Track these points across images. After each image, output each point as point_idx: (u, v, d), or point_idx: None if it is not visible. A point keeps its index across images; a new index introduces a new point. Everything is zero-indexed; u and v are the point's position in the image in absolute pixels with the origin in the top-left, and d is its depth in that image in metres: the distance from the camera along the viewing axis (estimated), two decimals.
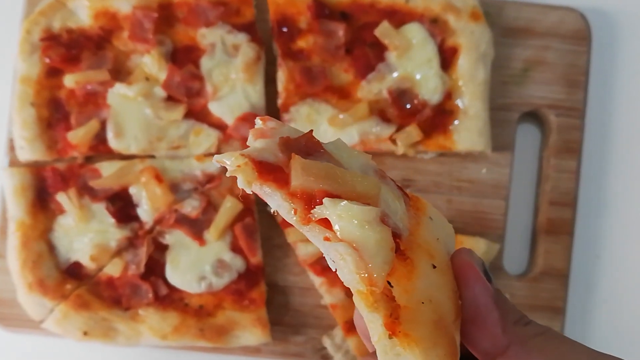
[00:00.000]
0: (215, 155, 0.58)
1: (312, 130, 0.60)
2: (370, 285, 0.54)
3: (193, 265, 1.21)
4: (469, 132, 1.24)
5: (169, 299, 1.22)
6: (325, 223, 0.55)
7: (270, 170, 0.57)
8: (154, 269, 1.22)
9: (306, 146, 0.59)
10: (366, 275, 0.54)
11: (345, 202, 0.55)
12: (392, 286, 0.56)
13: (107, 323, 1.21)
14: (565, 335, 0.62)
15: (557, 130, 1.30)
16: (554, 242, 1.28)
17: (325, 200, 0.55)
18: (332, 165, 0.57)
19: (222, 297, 1.22)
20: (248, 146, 0.59)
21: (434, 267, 0.59)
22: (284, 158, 0.58)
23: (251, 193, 0.57)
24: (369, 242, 0.54)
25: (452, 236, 0.65)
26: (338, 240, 0.55)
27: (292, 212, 0.56)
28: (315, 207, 0.56)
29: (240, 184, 0.56)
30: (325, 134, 1.23)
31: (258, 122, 0.61)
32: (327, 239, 0.56)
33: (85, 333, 1.20)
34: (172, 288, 1.22)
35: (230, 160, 0.56)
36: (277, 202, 0.57)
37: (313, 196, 0.56)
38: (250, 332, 1.22)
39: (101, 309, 1.21)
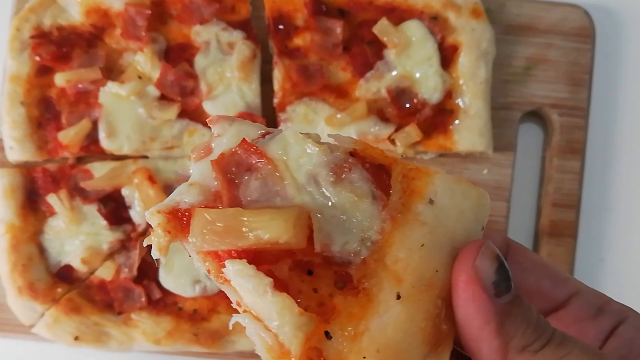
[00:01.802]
0: (146, 213, 0.54)
1: (244, 140, 0.54)
2: (283, 357, 0.49)
3: (187, 269, 1.21)
4: (469, 132, 1.24)
5: (163, 303, 1.21)
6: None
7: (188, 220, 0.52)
8: (147, 272, 1.22)
9: (246, 158, 0.54)
10: (276, 346, 0.49)
11: (240, 265, 0.50)
12: (330, 337, 0.50)
13: (99, 328, 1.20)
14: (597, 352, 0.54)
15: (560, 130, 1.29)
16: (557, 244, 1.28)
17: (226, 262, 0.50)
18: (235, 215, 0.50)
19: (217, 301, 1.22)
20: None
21: (399, 297, 0.51)
22: (222, 183, 0.53)
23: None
24: (269, 314, 0.49)
25: (479, 208, 0.55)
26: (244, 310, 0.50)
27: (207, 272, 0.52)
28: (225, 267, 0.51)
29: (154, 253, 0.52)
30: (323, 133, 1.22)
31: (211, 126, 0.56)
32: (238, 304, 0.51)
33: (76, 338, 1.20)
34: (165, 292, 1.21)
35: (149, 219, 0.52)
36: (194, 259, 0.53)
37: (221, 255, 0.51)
38: (246, 336, 1.20)
39: (93, 313, 1.20)
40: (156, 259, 0.54)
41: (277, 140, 0.55)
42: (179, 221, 0.53)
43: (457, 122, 1.24)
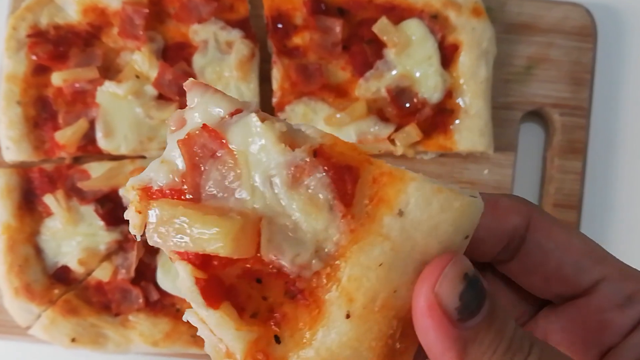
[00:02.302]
0: (121, 189, 0.54)
1: (205, 125, 0.50)
2: (228, 357, 0.49)
3: None
4: (470, 132, 1.23)
5: (160, 304, 1.21)
6: None
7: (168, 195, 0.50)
8: (145, 273, 1.21)
9: (210, 143, 0.50)
10: (222, 348, 0.49)
11: (182, 271, 0.49)
12: (279, 342, 0.49)
13: (96, 329, 1.20)
14: None
15: (562, 130, 1.29)
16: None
17: (176, 264, 0.49)
18: (184, 215, 0.48)
19: None
20: None
21: (348, 316, 0.48)
22: (187, 167, 0.50)
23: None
24: (209, 321, 0.48)
25: (463, 218, 0.49)
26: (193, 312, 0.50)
27: (170, 259, 0.51)
28: None
29: (131, 228, 0.51)
30: None
31: (187, 90, 0.52)
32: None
33: (73, 340, 1.19)
34: (163, 293, 1.21)
35: (125, 193, 0.52)
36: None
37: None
38: None
39: (90, 314, 1.20)
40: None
41: (242, 126, 0.50)
42: (148, 202, 0.51)
43: (457, 121, 1.24)
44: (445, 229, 0.49)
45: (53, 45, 1.23)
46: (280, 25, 1.25)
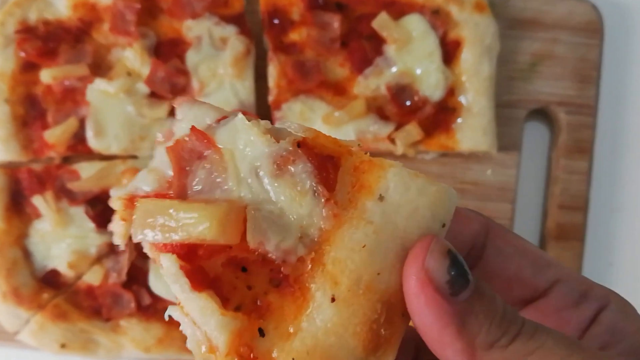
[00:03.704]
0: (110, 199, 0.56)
1: (193, 127, 0.54)
2: (210, 352, 0.50)
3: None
4: (472, 130, 1.23)
5: (153, 309, 1.20)
6: None
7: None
8: (137, 277, 1.21)
9: (198, 146, 0.53)
10: (205, 342, 0.50)
11: (167, 262, 0.50)
12: (263, 334, 0.51)
13: (86, 335, 1.19)
14: (572, 342, 0.53)
15: (567, 129, 1.29)
16: (564, 248, 1.27)
17: (160, 256, 0.51)
18: (168, 207, 0.51)
19: None
20: None
21: (333, 299, 0.51)
22: (174, 170, 0.53)
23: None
24: (194, 311, 0.50)
25: (438, 205, 0.53)
26: (178, 303, 0.51)
27: (154, 261, 0.54)
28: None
29: (115, 239, 0.54)
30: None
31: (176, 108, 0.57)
32: (176, 297, 0.52)
33: (63, 345, 1.19)
34: (156, 297, 1.20)
35: (113, 204, 0.54)
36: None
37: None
38: None
39: (80, 319, 1.19)
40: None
41: (228, 127, 0.54)
42: (135, 202, 0.54)
43: (459, 120, 1.23)
44: (423, 213, 0.52)
45: (42, 42, 1.22)
46: (276, 21, 1.24)
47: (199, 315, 0.50)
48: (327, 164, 0.52)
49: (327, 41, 1.23)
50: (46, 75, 1.22)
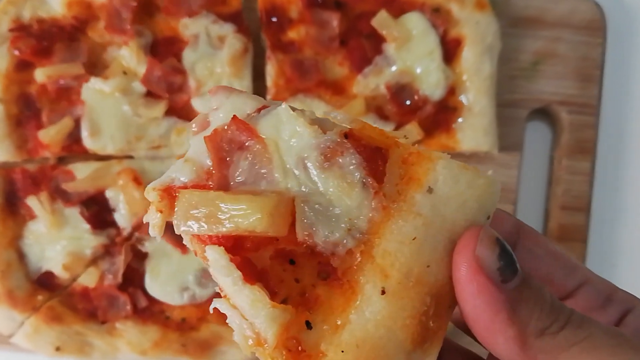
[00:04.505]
0: (146, 189, 0.55)
1: (235, 117, 0.53)
2: (258, 345, 0.49)
3: (175, 275, 1.20)
4: (473, 130, 1.22)
5: (149, 311, 1.20)
6: None
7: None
8: (133, 279, 1.20)
9: (238, 135, 0.53)
10: (252, 335, 0.49)
11: (215, 254, 0.50)
12: (310, 327, 0.50)
13: (81, 338, 1.19)
14: (619, 333, 0.53)
15: (570, 129, 1.28)
16: (566, 250, 1.24)
17: (206, 248, 0.51)
18: (215, 199, 0.51)
19: (206, 309, 1.20)
20: None
21: (383, 292, 0.51)
22: (213, 161, 0.53)
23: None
24: (243, 303, 0.49)
25: (486, 197, 0.53)
26: (224, 296, 0.51)
27: (194, 253, 0.53)
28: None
29: (150, 231, 0.53)
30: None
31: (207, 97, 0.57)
32: (220, 289, 0.52)
33: (57, 348, 1.18)
34: (152, 300, 1.20)
35: (147, 196, 0.53)
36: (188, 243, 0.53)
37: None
38: (237, 347, 1.18)
39: (75, 322, 1.19)
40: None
41: (271, 117, 0.53)
42: (172, 200, 0.53)
43: (460, 120, 1.23)
44: (471, 205, 0.52)
45: (36, 40, 1.22)
46: (274, 19, 1.24)
47: (248, 308, 0.49)
48: (375, 156, 0.52)
49: (326, 40, 1.22)
50: (41, 74, 1.21)
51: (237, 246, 0.51)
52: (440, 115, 1.23)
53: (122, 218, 1.21)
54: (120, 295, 1.19)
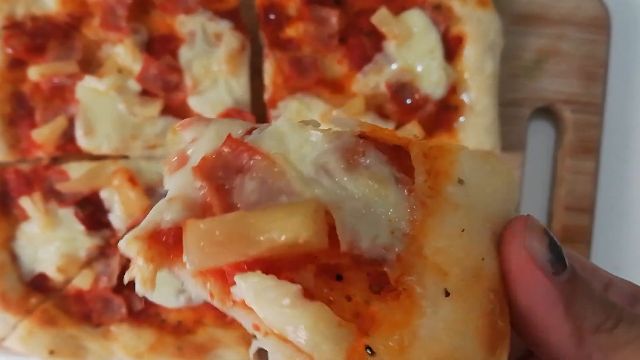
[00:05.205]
0: (120, 243, 0.49)
1: (230, 136, 0.49)
2: None
3: (170, 277, 1.18)
4: (475, 130, 1.22)
5: (144, 314, 1.20)
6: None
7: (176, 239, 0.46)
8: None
9: (236, 158, 0.48)
10: None
11: (256, 278, 0.44)
12: (373, 352, 0.44)
13: (76, 341, 1.19)
14: None
15: (573, 128, 1.28)
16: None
17: (236, 278, 0.44)
18: (239, 219, 0.45)
19: (203, 312, 1.20)
20: None
21: (447, 293, 0.46)
22: (207, 191, 0.47)
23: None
24: (299, 331, 0.43)
25: (510, 186, 0.52)
26: (265, 333, 0.44)
27: (209, 295, 0.46)
28: (233, 285, 0.45)
29: (138, 288, 0.47)
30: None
31: (181, 132, 0.52)
32: (256, 327, 0.45)
33: (51, 352, 1.18)
34: (147, 302, 1.20)
35: (127, 249, 0.47)
36: (189, 283, 0.47)
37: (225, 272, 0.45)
38: (234, 350, 1.19)
39: (69, 325, 1.19)
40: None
41: (269, 133, 0.51)
42: (164, 245, 0.47)
43: (462, 119, 1.22)
44: (501, 192, 0.51)
45: (30, 38, 1.21)
46: (272, 16, 1.23)
47: (308, 332, 0.43)
48: (397, 153, 0.50)
49: (325, 37, 1.22)
50: (34, 73, 1.21)
51: (271, 269, 0.45)
52: (442, 114, 1.22)
53: (117, 219, 1.21)
54: (115, 298, 1.19)
